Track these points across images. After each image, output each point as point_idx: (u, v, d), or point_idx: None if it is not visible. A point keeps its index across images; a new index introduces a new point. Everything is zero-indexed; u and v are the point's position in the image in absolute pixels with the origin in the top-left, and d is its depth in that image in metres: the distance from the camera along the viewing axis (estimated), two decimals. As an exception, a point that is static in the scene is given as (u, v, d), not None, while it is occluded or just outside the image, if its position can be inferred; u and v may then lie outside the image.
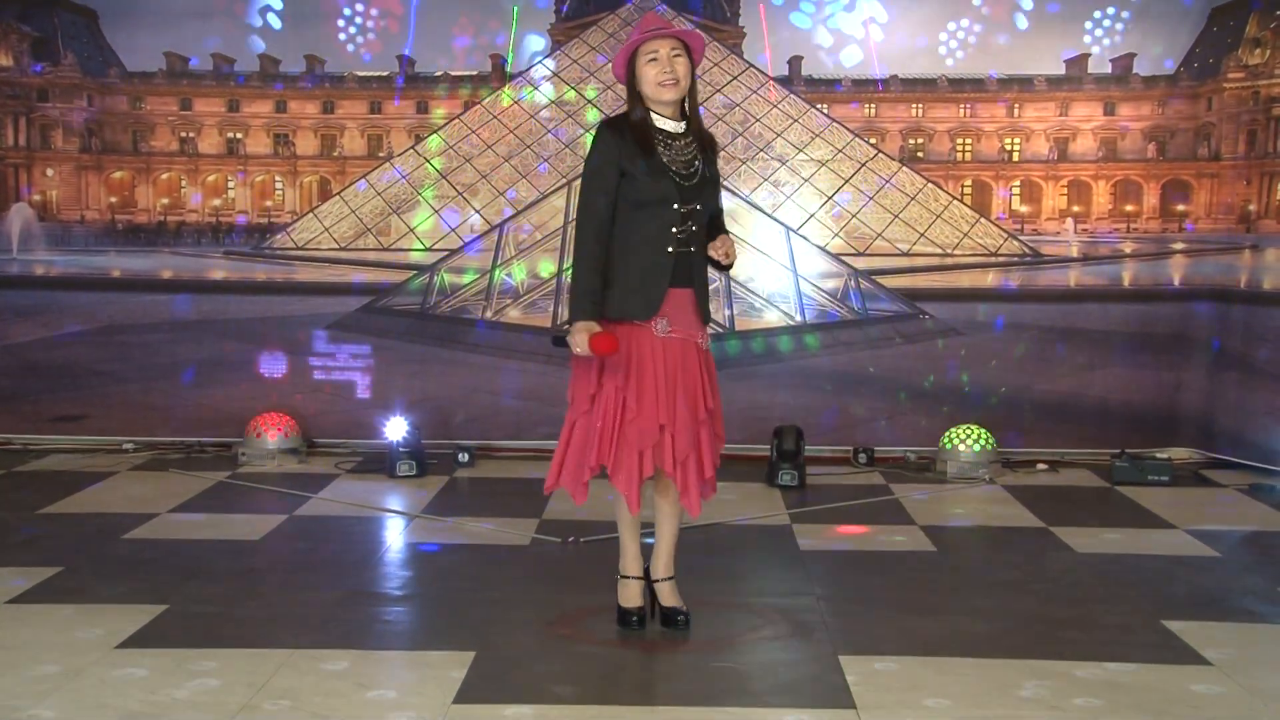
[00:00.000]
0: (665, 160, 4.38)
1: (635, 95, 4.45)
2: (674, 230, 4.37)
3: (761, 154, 8.69)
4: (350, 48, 8.63)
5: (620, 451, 4.41)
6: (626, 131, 4.41)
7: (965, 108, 8.89)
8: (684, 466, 4.43)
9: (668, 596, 4.66)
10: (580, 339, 4.28)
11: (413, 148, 8.92)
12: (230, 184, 9.02)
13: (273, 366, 8.43)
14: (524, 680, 4.12)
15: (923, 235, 8.71)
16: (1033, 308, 8.54)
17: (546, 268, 8.58)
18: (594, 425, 4.43)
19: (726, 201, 5.09)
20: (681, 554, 4.74)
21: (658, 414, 4.37)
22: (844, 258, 8.59)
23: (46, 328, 8.60)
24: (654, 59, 4.37)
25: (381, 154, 9.00)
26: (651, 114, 4.44)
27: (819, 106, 8.77)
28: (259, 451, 7.82)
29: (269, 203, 9.05)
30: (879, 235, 8.68)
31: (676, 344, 4.42)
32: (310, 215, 8.94)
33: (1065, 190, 8.88)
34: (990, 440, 7.66)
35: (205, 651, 4.34)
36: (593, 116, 8.67)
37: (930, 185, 8.80)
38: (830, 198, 8.69)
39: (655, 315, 4.39)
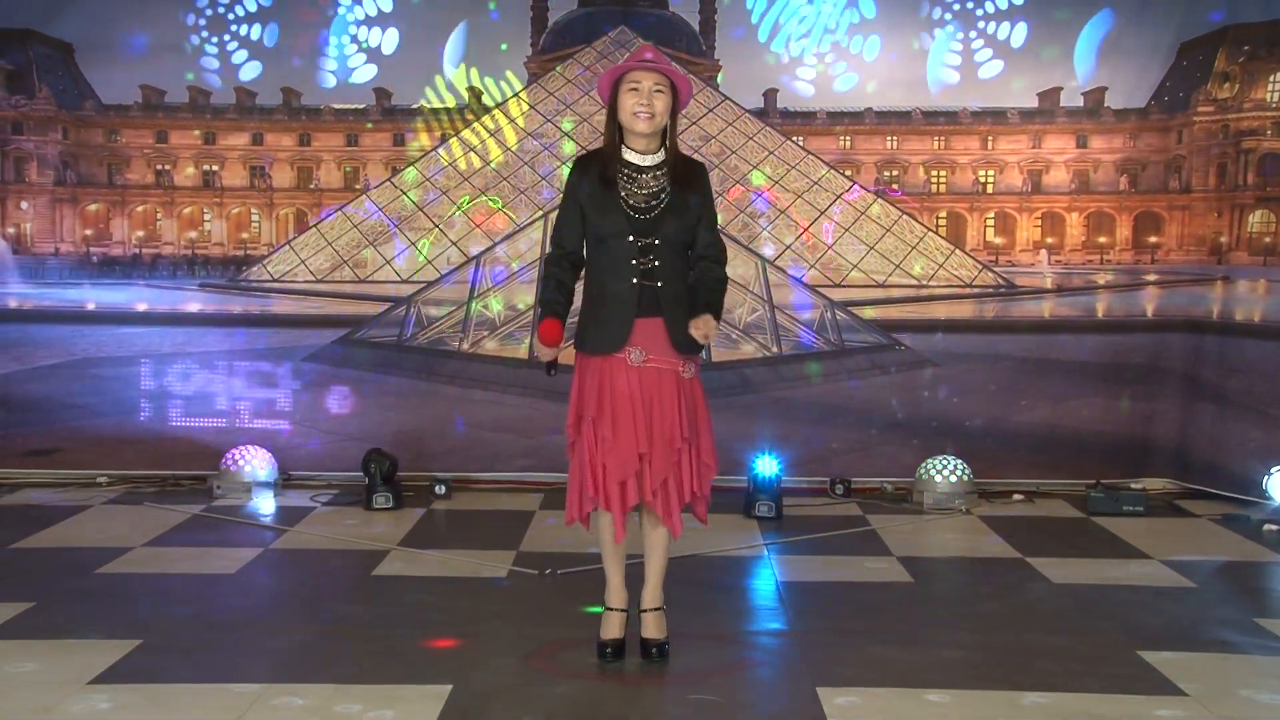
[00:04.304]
0: (622, 194, 4.42)
1: (613, 120, 4.49)
2: (633, 262, 4.40)
3: (737, 186, 8.73)
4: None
5: (604, 482, 4.44)
6: (592, 167, 4.49)
7: (940, 140, 8.96)
8: (662, 491, 4.45)
9: (651, 627, 4.65)
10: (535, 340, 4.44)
11: (389, 180, 8.93)
12: (206, 216, 9.00)
13: (248, 399, 8.40)
14: (500, 714, 4.11)
15: (898, 267, 8.75)
16: (1008, 339, 8.58)
17: (523, 299, 8.59)
18: (582, 458, 4.48)
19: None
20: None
21: (635, 443, 4.40)
22: (820, 289, 8.62)
23: (20, 361, 8.54)
24: (635, 89, 4.40)
25: (358, 186, 9.00)
26: (624, 145, 4.48)
27: (794, 139, 8.82)
28: (234, 484, 7.78)
29: (245, 235, 9.03)
30: (854, 267, 8.72)
31: (652, 373, 4.44)
32: (286, 247, 8.93)
33: (1039, 222, 8.94)
34: (966, 471, 7.68)
35: (180, 687, 4.31)
36: (569, 149, 8.70)
37: (905, 217, 8.86)
38: (806, 229, 8.73)
39: (625, 346, 4.42)
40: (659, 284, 4.42)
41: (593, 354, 4.48)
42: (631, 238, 4.40)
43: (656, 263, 4.40)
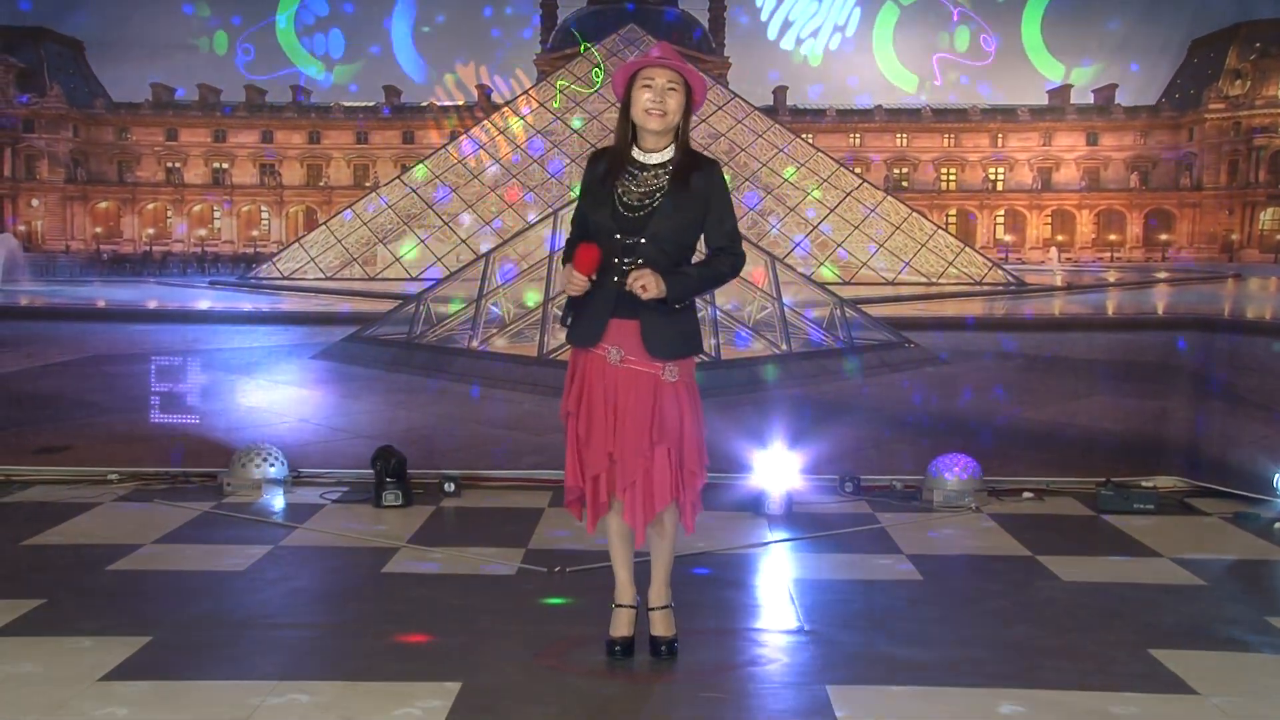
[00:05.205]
0: (619, 191, 4.39)
1: (625, 117, 4.47)
2: (616, 260, 4.37)
3: (747, 183, 8.72)
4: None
5: (582, 475, 4.50)
6: (599, 162, 4.50)
7: (949, 137, 8.94)
8: (630, 491, 4.43)
9: (659, 626, 4.65)
10: (565, 272, 4.40)
11: (399, 177, 8.93)
12: (216, 214, 9.02)
13: (258, 396, 8.41)
14: (510, 712, 4.11)
15: (908, 264, 8.74)
16: (1017, 336, 8.57)
17: (532, 297, 8.59)
18: (569, 448, 4.54)
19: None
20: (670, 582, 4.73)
21: (605, 442, 4.41)
22: (829, 287, 8.62)
23: (31, 358, 8.57)
24: (648, 85, 4.38)
25: (368, 184, 9.01)
26: (635, 143, 4.46)
27: (804, 136, 8.81)
28: (244, 482, 7.78)
29: (255, 232, 9.05)
30: (864, 264, 8.71)
31: (628, 374, 4.42)
32: (296, 245, 8.94)
33: (1049, 219, 8.93)
34: (976, 469, 7.66)
35: (190, 684, 4.32)
36: (578, 146, 8.70)
37: (915, 214, 8.85)
38: (815, 227, 8.72)
39: (600, 343, 4.41)
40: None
41: (574, 346, 4.52)
42: (618, 235, 4.37)
43: (640, 263, 4.34)
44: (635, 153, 4.45)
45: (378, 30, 8.57)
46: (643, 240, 4.35)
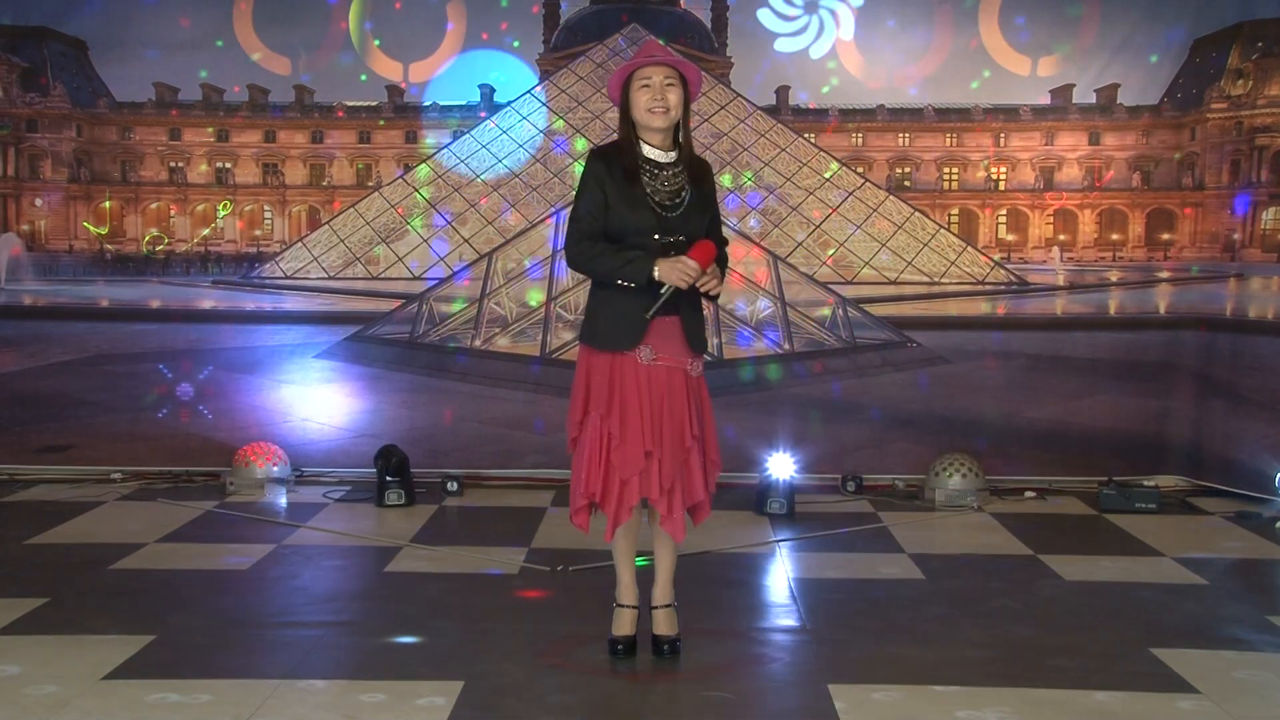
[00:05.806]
0: (648, 190, 4.39)
1: (626, 120, 4.47)
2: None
3: (749, 183, 8.72)
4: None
5: (607, 480, 4.43)
6: (614, 161, 4.44)
7: (952, 137, 8.94)
8: (670, 494, 4.44)
9: (662, 624, 4.65)
10: (668, 268, 4.30)
11: (401, 177, 8.94)
12: (220, 213, 9.03)
13: (261, 395, 8.42)
14: (512, 710, 4.12)
15: (910, 264, 8.75)
16: (1020, 336, 8.57)
17: (535, 296, 8.60)
18: (583, 455, 4.46)
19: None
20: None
21: (643, 441, 4.39)
22: (832, 286, 8.62)
23: (34, 358, 8.58)
24: (646, 85, 4.38)
25: (370, 183, 9.02)
26: (640, 142, 4.45)
27: (806, 135, 8.82)
28: (247, 481, 7.79)
29: (258, 232, 9.06)
30: (866, 264, 8.71)
31: (662, 371, 4.42)
32: (299, 244, 8.95)
33: (1051, 219, 8.93)
34: (978, 468, 7.66)
35: (193, 682, 4.32)
36: (581, 146, 8.71)
37: (917, 214, 8.85)
38: (818, 226, 8.72)
39: (639, 344, 4.41)
40: None
41: (603, 350, 4.47)
42: (657, 235, 4.37)
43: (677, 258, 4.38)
44: (648, 151, 4.44)
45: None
46: (681, 238, 4.38)
